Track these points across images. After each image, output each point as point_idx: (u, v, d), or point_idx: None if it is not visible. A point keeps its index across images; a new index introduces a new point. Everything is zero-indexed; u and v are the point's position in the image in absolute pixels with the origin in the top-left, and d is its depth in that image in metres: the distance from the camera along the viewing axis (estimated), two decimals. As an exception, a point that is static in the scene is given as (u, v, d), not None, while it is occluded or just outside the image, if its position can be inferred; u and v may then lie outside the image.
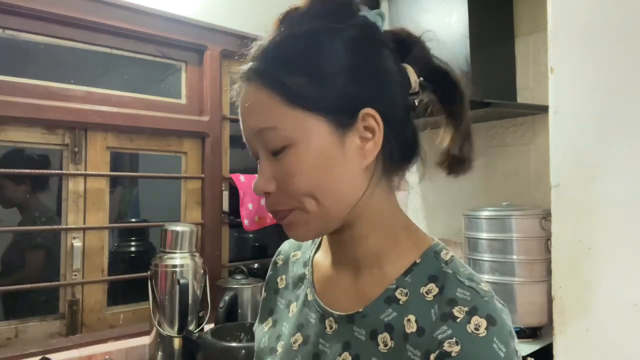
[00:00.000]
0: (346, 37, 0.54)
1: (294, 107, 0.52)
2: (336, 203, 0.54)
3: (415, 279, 0.55)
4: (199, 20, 1.76)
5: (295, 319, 0.63)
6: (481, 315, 0.48)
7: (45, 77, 1.50)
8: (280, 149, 0.52)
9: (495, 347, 0.47)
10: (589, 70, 1.15)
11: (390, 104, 0.55)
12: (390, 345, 0.53)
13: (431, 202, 2.12)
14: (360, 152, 0.54)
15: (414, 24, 1.83)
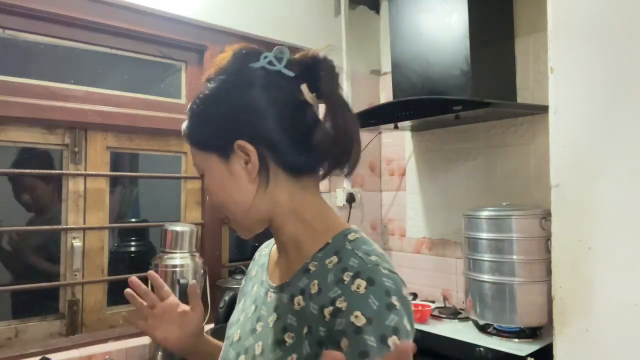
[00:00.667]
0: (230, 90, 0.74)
1: (199, 150, 0.75)
2: (237, 209, 0.75)
3: (325, 254, 0.70)
4: (199, 20, 1.76)
5: (253, 295, 0.82)
6: (362, 278, 0.63)
7: (45, 77, 1.50)
8: (202, 175, 0.77)
9: (370, 302, 0.60)
10: (589, 70, 1.15)
11: (267, 131, 0.72)
12: (302, 304, 0.69)
13: (431, 202, 2.12)
14: (245, 170, 0.72)
15: (413, 24, 1.84)
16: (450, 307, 1.90)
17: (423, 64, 1.82)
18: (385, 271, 0.64)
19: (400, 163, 2.26)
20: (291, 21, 2.05)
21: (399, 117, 1.76)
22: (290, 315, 0.69)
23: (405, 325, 0.60)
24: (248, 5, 1.91)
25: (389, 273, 0.64)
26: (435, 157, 2.11)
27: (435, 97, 1.73)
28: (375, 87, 2.34)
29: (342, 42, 2.18)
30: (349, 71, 2.19)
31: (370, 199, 2.29)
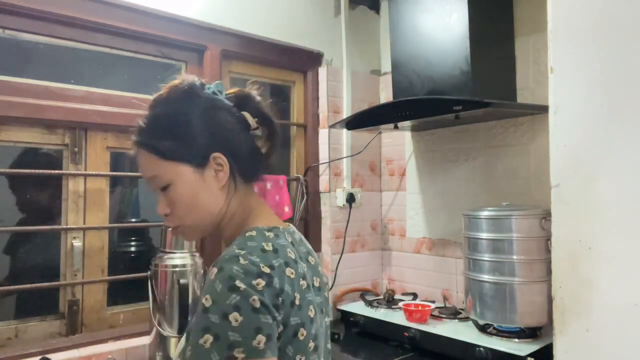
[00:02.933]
0: (195, 110, 0.84)
1: (167, 160, 0.82)
2: (206, 216, 0.85)
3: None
4: (199, 20, 1.76)
5: None
6: (216, 266, 0.72)
7: (45, 77, 1.50)
8: (165, 187, 0.83)
9: (215, 285, 0.70)
10: (589, 70, 1.15)
11: (231, 145, 0.85)
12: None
13: (431, 202, 2.12)
14: (216, 179, 0.84)
15: (413, 24, 1.84)
16: (450, 307, 1.90)
17: (423, 64, 1.82)
18: (243, 261, 0.72)
19: (400, 163, 2.26)
20: (291, 21, 2.05)
21: (399, 117, 1.76)
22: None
23: (250, 301, 0.68)
24: (248, 5, 1.91)
25: (245, 263, 0.72)
26: (435, 157, 2.11)
27: (435, 97, 1.73)
28: (375, 87, 2.34)
29: (342, 42, 2.18)
30: (349, 71, 2.19)
31: (370, 199, 2.29)
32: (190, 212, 0.84)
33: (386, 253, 2.32)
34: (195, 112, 0.84)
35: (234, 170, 0.86)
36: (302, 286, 0.78)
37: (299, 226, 2.13)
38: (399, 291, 2.18)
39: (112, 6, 1.57)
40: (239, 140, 0.87)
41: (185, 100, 0.85)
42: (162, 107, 0.85)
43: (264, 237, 0.79)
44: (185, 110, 0.84)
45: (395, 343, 1.77)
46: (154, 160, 0.82)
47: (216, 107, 0.86)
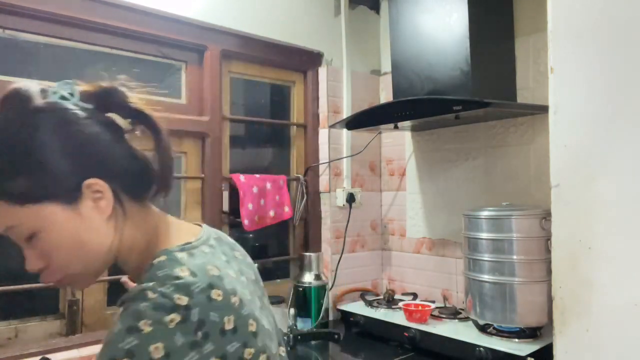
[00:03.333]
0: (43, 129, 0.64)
1: (23, 205, 0.63)
2: (95, 257, 0.68)
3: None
4: (199, 20, 1.76)
5: None
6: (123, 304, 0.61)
7: (45, 77, 1.50)
8: (30, 237, 0.65)
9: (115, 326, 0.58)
10: (589, 70, 1.15)
11: (105, 163, 0.68)
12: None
13: (431, 202, 2.12)
14: (97, 210, 0.67)
15: (413, 24, 1.84)
16: (450, 307, 1.90)
17: (423, 64, 1.82)
18: (152, 295, 0.58)
19: (400, 163, 2.26)
20: (291, 21, 2.05)
21: (399, 117, 1.76)
22: None
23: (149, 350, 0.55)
24: (248, 5, 1.91)
25: (154, 297, 0.58)
26: (435, 157, 2.11)
27: (435, 97, 1.73)
28: (375, 87, 2.34)
29: (342, 42, 2.18)
30: (349, 71, 2.19)
31: (370, 199, 2.29)
32: (72, 259, 0.67)
33: (386, 253, 2.32)
34: (43, 132, 0.64)
35: (117, 194, 0.69)
36: (237, 300, 0.64)
37: (299, 226, 2.13)
38: (399, 291, 2.18)
39: (112, 6, 1.57)
40: (114, 153, 0.69)
41: (24, 119, 0.64)
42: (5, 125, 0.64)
43: (176, 261, 0.63)
44: (30, 134, 0.63)
45: (395, 343, 1.77)
46: (5, 208, 0.63)
47: (69, 119, 0.66)
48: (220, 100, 1.85)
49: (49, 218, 0.64)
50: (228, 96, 1.93)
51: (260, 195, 1.91)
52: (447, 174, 2.06)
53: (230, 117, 1.93)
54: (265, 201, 1.93)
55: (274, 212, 1.97)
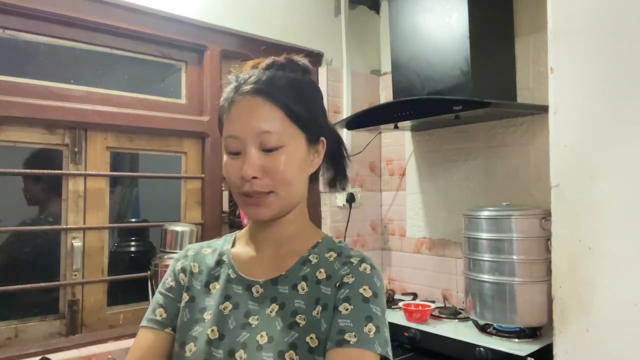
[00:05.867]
0: (316, 87, 0.86)
1: (292, 123, 0.78)
2: (297, 193, 0.81)
3: (321, 249, 0.84)
4: (199, 20, 1.76)
5: (220, 293, 0.82)
6: (367, 263, 0.80)
7: (45, 77, 1.50)
8: (275, 148, 0.76)
9: (375, 280, 0.78)
10: (589, 70, 1.15)
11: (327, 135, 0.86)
12: (306, 289, 0.79)
13: (431, 202, 2.12)
14: (312, 163, 0.83)
15: (413, 24, 1.84)
16: (450, 307, 1.90)
17: (423, 64, 1.82)
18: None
19: (400, 163, 2.26)
20: (291, 21, 2.05)
21: (399, 117, 1.76)
22: (297, 300, 0.78)
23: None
24: (248, 5, 1.91)
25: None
26: (435, 157, 2.11)
27: (435, 97, 1.73)
28: (375, 87, 2.34)
29: (342, 42, 2.18)
30: (349, 71, 2.19)
31: (370, 199, 2.29)
32: (290, 182, 0.78)
33: (386, 253, 2.32)
34: (317, 89, 0.86)
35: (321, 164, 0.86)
36: None
37: (299, 226, 2.13)
38: (399, 291, 2.18)
39: (112, 6, 1.57)
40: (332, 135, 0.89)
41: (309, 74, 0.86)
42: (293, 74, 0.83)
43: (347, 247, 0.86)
44: (312, 85, 0.85)
45: (395, 343, 1.77)
46: (280, 117, 0.77)
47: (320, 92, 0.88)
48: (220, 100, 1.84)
49: (297, 142, 0.79)
50: (228, 96, 1.92)
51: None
52: (447, 174, 2.06)
53: (230, 117, 1.92)
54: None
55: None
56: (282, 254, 0.84)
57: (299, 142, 0.79)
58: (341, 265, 0.80)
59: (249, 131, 0.76)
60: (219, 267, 0.86)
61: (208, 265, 0.87)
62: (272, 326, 0.76)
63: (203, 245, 0.92)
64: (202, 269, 0.87)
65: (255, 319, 0.78)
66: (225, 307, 0.80)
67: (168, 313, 0.84)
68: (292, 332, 0.75)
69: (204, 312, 0.81)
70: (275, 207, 0.78)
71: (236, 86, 0.82)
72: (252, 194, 0.77)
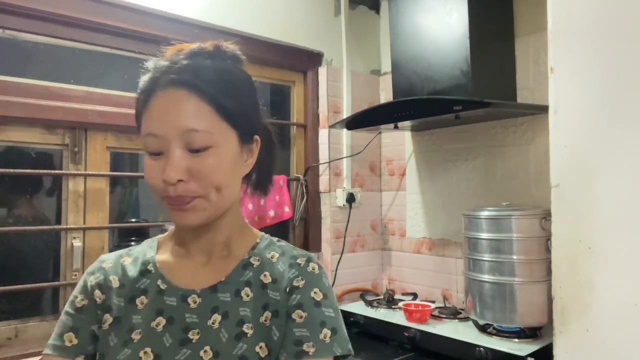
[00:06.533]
0: (248, 79, 0.77)
1: (222, 120, 0.69)
2: (229, 197, 0.72)
3: (261, 250, 0.78)
4: (199, 20, 1.76)
5: (150, 307, 0.73)
6: (314, 262, 0.76)
7: (45, 77, 1.50)
8: (203, 148, 0.67)
9: (323, 280, 0.75)
10: (589, 70, 1.15)
11: (262, 132, 0.78)
12: (251, 295, 0.73)
13: (431, 202, 2.12)
14: (245, 164, 0.75)
15: (413, 24, 1.84)
16: (450, 307, 1.90)
17: (423, 64, 1.82)
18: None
19: (400, 163, 2.26)
20: (291, 21, 2.05)
21: (399, 117, 1.76)
22: (241, 308, 0.72)
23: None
24: (248, 5, 1.91)
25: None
26: (435, 157, 2.11)
27: (435, 97, 1.73)
28: (375, 87, 2.34)
29: (342, 42, 2.18)
30: (349, 71, 2.19)
31: (370, 199, 2.29)
32: (220, 186, 0.69)
33: (386, 253, 2.32)
34: (250, 81, 0.77)
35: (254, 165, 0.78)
36: None
37: (299, 226, 2.13)
38: (399, 291, 2.18)
39: (112, 6, 1.57)
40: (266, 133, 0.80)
41: (240, 64, 0.77)
42: (223, 64, 0.74)
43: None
44: (245, 76, 0.76)
45: (395, 343, 1.77)
46: (209, 113, 0.68)
47: (254, 84, 0.78)
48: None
49: (228, 141, 0.70)
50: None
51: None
52: (447, 174, 2.06)
53: (230, 117, 1.93)
54: (265, 201, 1.93)
55: (274, 212, 1.97)
56: (218, 259, 0.77)
57: (230, 141, 0.70)
58: (288, 267, 0.75)
59: (172, 129, 0.66)
60: (144, 277, 0.76)
61: (130, 277, 0.76)
62: (216, 339, 0.69)
63: (121, 255, 0.81)
64: (123, 282, 0.76)
65: (195, 333, 0.69)
66: (158, 323, 0.71)
67: (79, 338, 0.74)
68: (240, 343, 0.68)
69: (132, 331, 0.71)
70: (205, 212, 0.70)
71: (155, 76, 0.72)
72: (179, 199, 0.68)
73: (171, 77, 0.69)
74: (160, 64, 0.74)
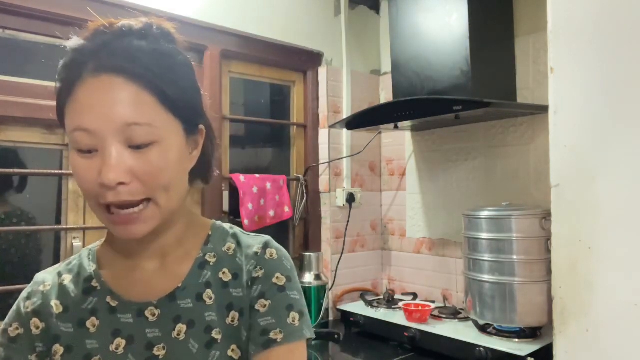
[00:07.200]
0: (187, 61, 0.68)
1: (166, 111, 0.60)
2: (179, 197, 0.65)
3: (215, 244, 0.71)
4: (199, 20, 1.76)
5: (104, 329, 0.65)
6: (272, 247, 0.70)
7: (45, 77, 1.50)
8: (146, 144, 0.58)
9: (284, 262, 0.70)
10: (589, 70, 1.15)
11: (207, 121, 0.70)
12: (213, 297, 0.67)
13: (431, 202, 2.12)
14: (190, 157, 0.67)
15: (413, 24, 1.84)
16: (450, 307, 1.90)
17: (423, 64, 1.82)
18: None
19: (400, 163, 2.26)
20: (291, 21, 2.05)
21: (399, 117, 1.76)
22: (207, 313, 0.66)
23: None
24: (248, 5, 1.91)
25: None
26: (435, 157, 2.11)
27: (435, 97, 1.73)
28: (375, 87, 2.34)
29: (342, 42, 2.18)
30: (349, 71, 2.19)
31: (370, 199, 2.29)
32: (168, 186, 0.61)
33: (386, 253, 2.32)
34: (189, 64, 0.69)
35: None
36: None
37: (299, 226, 2.13)
38: (399, 291, 2.18)
39: (112, 6, 1.57)
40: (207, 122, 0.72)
41: (174, 44, 0.67)
42: (158, 45, 0.65)
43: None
44: (184, 58, 0.67)
45: (395, 343, 1.77)
46: (151, 103, 0.59)
47: (192, 66, 0.70)
48: (220, 100, 1.85)
49: (173, 133, 0.62)
50: (228, 96, 1.93)
51: (260, 196, 1.91)
52: (447, 174, 2.06)
53: (230, 117, 1.93)
54: (265, 201, 1.93)
55: (274, 212, 1.97)
56: (170, 262, 0.69)
57: (175, 134, 0.62)
58: (246, 259, 0.69)
59: (108, 123, 0.57)
60: (89, 296, 0.67)
61: (74, 300, 0.67)
62: (185, 351, 0.63)
63: (60, 272, 0.71)
64: (66, 305, 0.67)
65: (161, 349, 0.64)
66: (118, 345, 0.64)
67: None
68: (212, 351, 0.64)
69: (89, 359, 0.64)
70: (154, 220, 0.61)
71: (80, 60, 0.60)
72: (123, 204, 0.58)
73: (102, 62, 0.58)
74: (86, 46, 0.62)
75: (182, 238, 0.70)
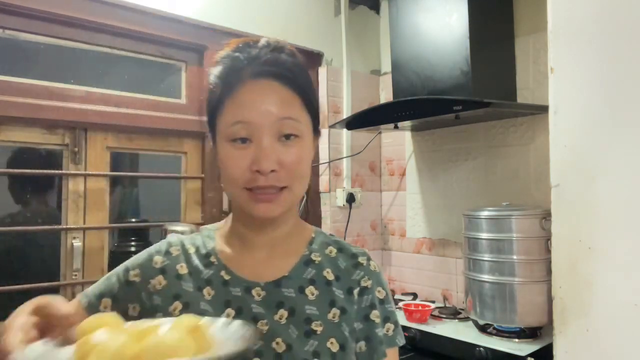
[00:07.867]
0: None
1: (307, 112, 0.73)
2: (304, 189, 0.74)
3: (319, 246, 0.80)
4: (199, 20, 1.76)
5: (218, 299, 0.73)
6: (372, 260, 0.80)
7: (45, 77, 1.50)
8: (292, 135, 0.70)
9: (382, 277, 0.80)
10: (589, 70, 1.15)
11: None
12: (316, 293, 0.74)
13: (431, 202, 2.12)
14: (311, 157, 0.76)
15: (413, 24, 1.84)
16: (450, 307, 1.90)
17: (423, 64, 1.82)
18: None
19: (400, 163, 2.26)
20: (291, 21, 2.05)
21: (399, 117, 1.76)
22: (307, 306, 0.73)
23: None
24: (248, 5, 1.91)
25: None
26: (435, 157, 2.11)
27: (435, 97, 1.73)
28: (375, 87, 2.34)
29: (342, 42, 2.18)
30: (349, 71, 2.19)
31: (370, 199, 2.29)
32: (304, 177, 0.73)
33: (386, 253, 2.32)
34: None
35: None
36: None
37: (299, 226, 2.13)
38: (399, 291, 2.18)
39: (112, 6, 1.57)
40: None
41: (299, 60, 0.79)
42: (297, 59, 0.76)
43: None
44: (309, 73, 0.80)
45: (395, 343, 1.77)
46: (299, 104, 0.71)
47: None
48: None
49: (307, 132, 0.72)
50: (228, 96, 1.92)
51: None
52: (447, 174, 2.06)
53: (230, 117, 1.93)
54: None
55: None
56: (278, 254, 0.77)
57: (309, 133, 0.74)
58: (351, 266, 0.78)
59: (266, 117, 0.68)
60: (207, 269, 0.75)
61: (196, 267, 0.76)
62: (286, 334, 0.70)
63: (185, 242, 0.79)
64: (190, 270, 0.75)
65: (264, 324, 0.70)
66: (228, 314, 0.71)
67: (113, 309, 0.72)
68: (311, 340, 0.70)
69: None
70: (287, 204, 0.71)
71: (240, 66, 0.71)
72: (269, 188, 0.68)
73: (263, 68, 0.70)
74: (240, 56, 0.72)
75: (289, 235, 0.78)
